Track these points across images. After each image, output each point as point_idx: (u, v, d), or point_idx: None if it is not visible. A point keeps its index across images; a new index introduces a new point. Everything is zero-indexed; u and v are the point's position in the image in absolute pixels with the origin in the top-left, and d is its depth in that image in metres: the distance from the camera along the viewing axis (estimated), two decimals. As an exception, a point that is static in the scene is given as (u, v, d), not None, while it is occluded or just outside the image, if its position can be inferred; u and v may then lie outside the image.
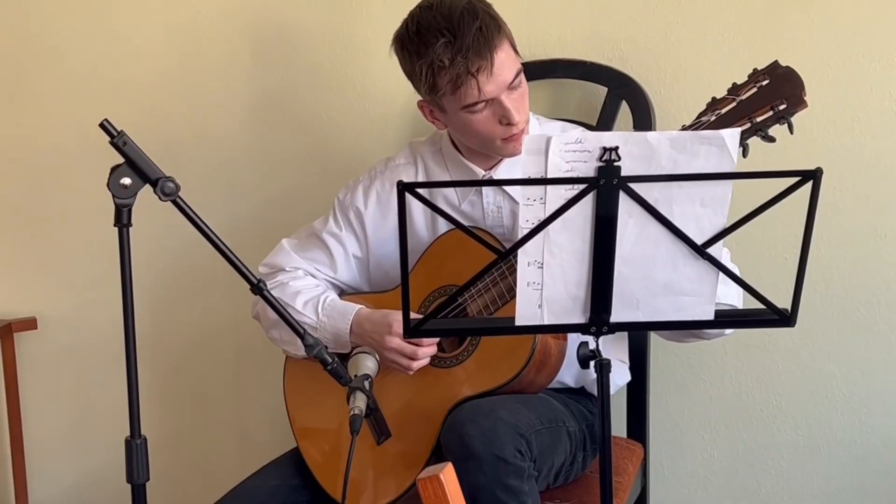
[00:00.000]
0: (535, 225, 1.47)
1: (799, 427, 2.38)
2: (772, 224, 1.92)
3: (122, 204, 1.62)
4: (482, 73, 1.89)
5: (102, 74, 2.63)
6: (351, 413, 1.69)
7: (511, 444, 1.81)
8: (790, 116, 1.68)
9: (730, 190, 1.47)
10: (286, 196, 2.57)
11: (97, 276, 2.70)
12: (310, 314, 2.05)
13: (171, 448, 2.73)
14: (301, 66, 2.52)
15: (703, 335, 1.97)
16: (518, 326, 1.54)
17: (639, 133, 1.45)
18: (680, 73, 2.29)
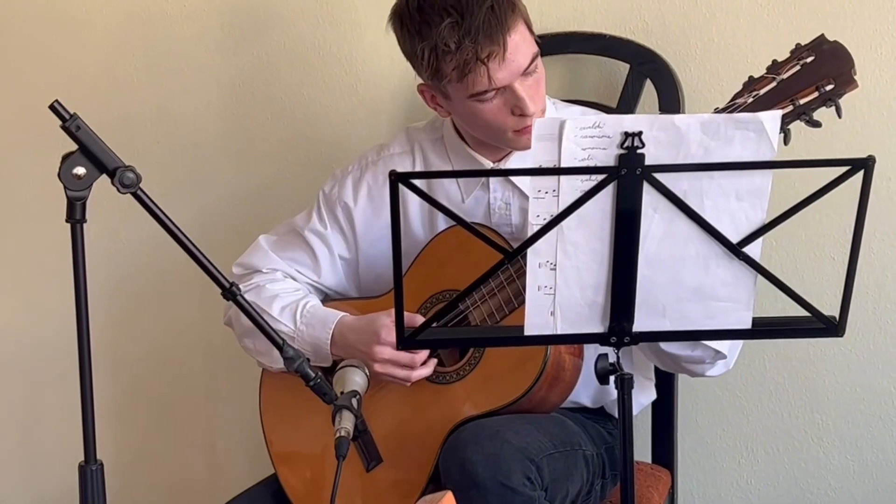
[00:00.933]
0: (548, 221, 1.48)
1: (848, 451, 2.38)
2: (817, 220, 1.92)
3: (76, 197, 1.62)
4: (493, 59, 1.88)
5: (55, 51, 2.63)
6: (337, 435, 1.69)
7: (519, 470, 1.82)
8: (838, 98, 1.68)
9: (769, 181, 1.47)
10: (263, 188, 2.57)
11: (47, 278, 2.71)
12: (287, 321, 2.05)
13: (132, 475, 2.73)
14: (279, 40, 2.52)
15: (687, 371, 1.98)
16: (527, 336, 1.55)
17: (665, 116, 1.45)
18: (712, 48, 2.29)
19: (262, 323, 1.70)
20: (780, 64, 1.72)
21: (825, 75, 1.68)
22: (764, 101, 1.70)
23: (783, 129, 1.66)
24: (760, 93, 1.71)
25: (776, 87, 1.70)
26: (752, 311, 1.53)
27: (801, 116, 1.69)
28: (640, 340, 1.56)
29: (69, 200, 1.62)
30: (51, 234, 2.58)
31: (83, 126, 1.61)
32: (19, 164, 2.69)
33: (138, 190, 1.63)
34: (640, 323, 1.54)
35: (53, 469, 2.81)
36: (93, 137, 1.62)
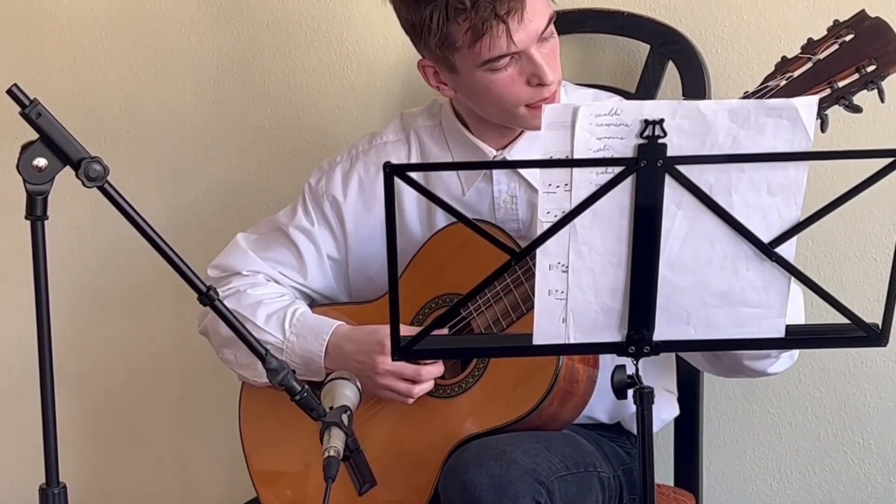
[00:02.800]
0: (559, 218, 1.48)
1: (892, 474, 2.39)
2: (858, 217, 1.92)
3: (36, 191, 1.62)
4: (513, 16, 1.89)
5: (13, 30, 2.64)
6: (325, 455, 1.69)
7: (528, 494, 1.82)
8: (881, 80, 1.69)
9: (805, 174, 1.47)
10: (244, 181, 2.58)
11: (3, 282, 2.71)
12: (274, 331, 2.05)
13: (98, 498, 2.74)
14: (262, 18, 2.53)
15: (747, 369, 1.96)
16: (536, 346, 1.55)
17: (690, 102, 1.46)
18: (741, 26, 2.30)
19: (242, 331, 1.70)
20: (816, 43, 1.72)
21: (866, 55, 1.68)
22: (799, 85, 1.70)
23: (820, 116, 1.67)
24: (794, 75, 1.71)
25: (812, 68, 1.70)
26: (785, 318, 1.54)
27: (840, 101, 1.70)
28: (662, 350, 1.56)
29: (29, 195, 1.62)
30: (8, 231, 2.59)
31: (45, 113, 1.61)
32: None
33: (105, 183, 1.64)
34: (661, 331, 1.54)
35: (12, 492, 2.82)
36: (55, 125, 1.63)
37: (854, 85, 1.69)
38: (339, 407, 1.75)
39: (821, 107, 1.67)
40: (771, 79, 1.73)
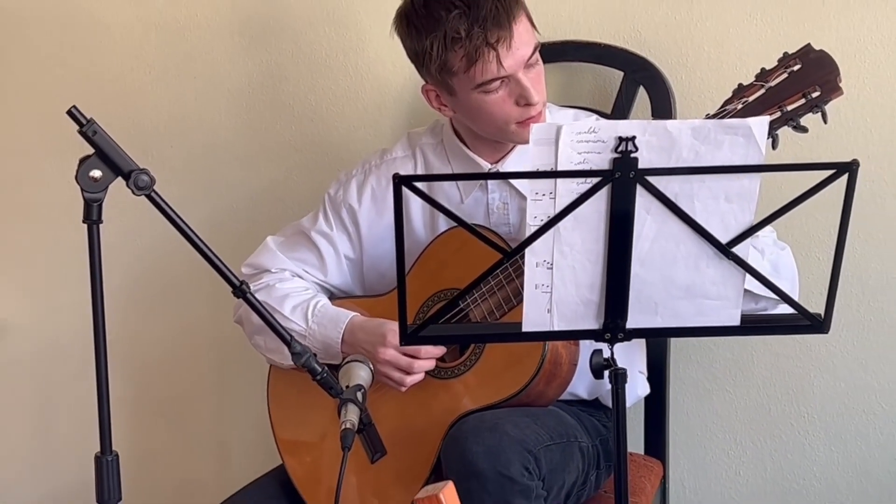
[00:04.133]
0: (545, 222, 1.48)
1: (833, 444, 2.39)
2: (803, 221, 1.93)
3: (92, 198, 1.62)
4: (502, 44, 1.89)
5: (71, 57, 2.64)
6: (342, 427, 1.69)
7: (518, 461, 1.82)
8: (824, 104, 1.68)
9: (758, 184, 1.47)
10: (272, 190, 2.57)
11: (64, 278, 2.71)
12: (298, 320, 2.05)
13: (146, 466, 2.74)
14: (288, 48, 2.52)
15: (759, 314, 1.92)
16: (525, 333, 1.55)
17: (658, 122, 1.46)
18: (703, 56, 2.29)
19: (271, 320, 1.70)
20: (768, 72, 1.72)
21: (811, 83, 1.68)
22: (753, 108, 1.70)
23: (771, 135, 1.66)
24: (749, 99, 1.71)
25: (764, 94, 1.70)
26: (740, 309, 1.54)
27: (789, 122, 1.69)
28: (633, 337, 1.56)
29: (86, 202, 1.62)
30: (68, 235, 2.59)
31: (99, 130, 1.61)
32: (38, 168, 2.70)
33: (152, 192, 1.64)
34: (633, 320, 1.54)
35: (69, 463, 2.82)
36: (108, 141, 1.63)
37: (801, 108, 1.68)
38: (355, 386, 1.75)
39: (772, 127, 1.67)
40: (729, 103, 1.73)
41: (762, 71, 1.72)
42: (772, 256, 1.87)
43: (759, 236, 1.68)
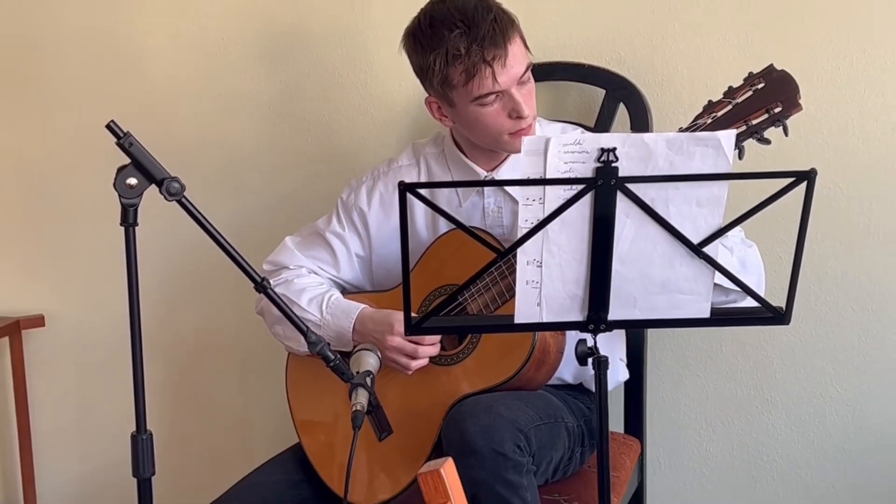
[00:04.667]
0: (535, 225, 1.48)
1: (793, 423, 2.39)
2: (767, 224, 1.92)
3: (129, 204, 1.62)
4: (497, 62, 1.88)
5: (109, 76, 2.63)
6: (353, 409, 1.69)
7: (510, 439, 1.82)
8: (785, 119, 1.68)
9: (725, 190, 1.47)
10: (290, 195, 2.57)
11: (104, 275, 2.71)
12: (314, 311, 2.05)
13: (176, 443, 2.73)
14: (304, 68, 2.52)
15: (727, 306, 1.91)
16: (517, 324, 1.54)
17: (636, 134, 1.46)
18: (676, 76, 2.29)
19: (289, 312, 1.70)
20: (735, 90, 1.72)
21: (774, 99, 1.68)
22: (721, 122, 1.70)
23: (738, 146, 1.66)
24: (718, 114, 1.71)
25: (732, 109, 1.70)
26: (710, 302, 1.54)
27: (754, 135, 1.69)
28: (614, 327, 1.56)
29: (123, 207, 1.62)
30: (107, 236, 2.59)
31: (135, 142, 1.61)
32: (79, 176, 2.69)
33: (182, 198, 1.64)
34: (614, 312, 1.54)
35: (108, 441, 2.81)
36: (143, 152, 1.63)
37: (764, 122, 1.68)
38: (364, 371, 1.75)
39: (738, 139, 1.67)
40: (700, 117, 1.73)
41: (729, 89, 1.72)
42: (740, 254, 1.87)
43: (728, 236, 1.68)
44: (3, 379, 2.84)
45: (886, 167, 2.23)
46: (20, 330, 2.74)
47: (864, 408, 2.34)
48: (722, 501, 2.45)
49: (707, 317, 1.54)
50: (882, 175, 2.23)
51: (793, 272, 1.52)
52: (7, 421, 2.86)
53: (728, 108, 1.70)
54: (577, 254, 1.50)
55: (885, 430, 2.33)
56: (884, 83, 2.20)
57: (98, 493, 2.85)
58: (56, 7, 2.63)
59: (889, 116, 2.21)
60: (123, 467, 1.71)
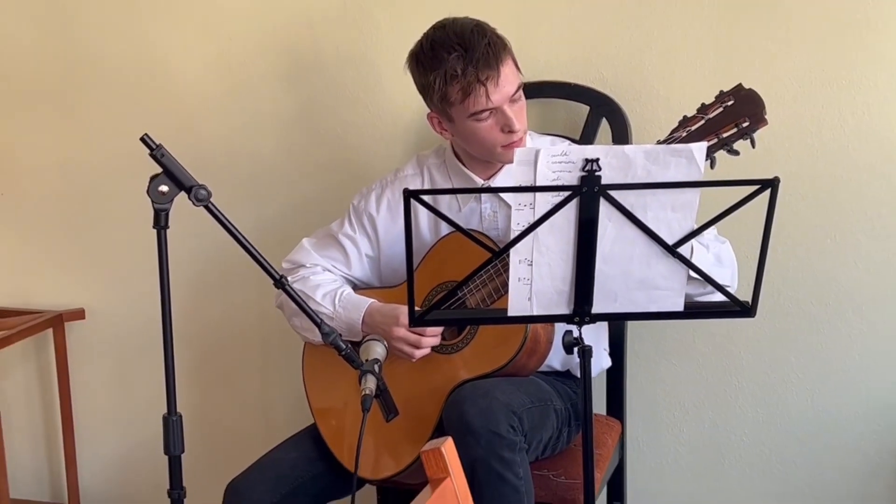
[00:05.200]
0: (526, 227, 1.48)
1: (758, 406, 2.38)
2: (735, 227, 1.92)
3: (160, 209, 1.62)
4: (490, 81, 1.88)
5: (143, 94, 2.63)
6: (362, 393, 1.69)
7: (505, 420, 1.82)
8: (752, 133, 1.68)
9: (697, 197, 1.47)
10: (306, 201, 2.57)
11: (138, 272, 2.71)
12: (328, 305, 2.05)
13: (204, 424, 2.73)
14: (319, 87, 2.52)
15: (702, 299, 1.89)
16: (511, 317, 1.55)
17: (617, 147, 1.46)
18: (654, 94, 2.29)
19: (305, 306, 1.70)
20: (707, 106, 1.71)
21: (742, 115, 1.68)
22: (694, 135, 1.70)
23: (709, 157, 1.66)
24: (692, 128, 1.70)
25: (704, 124, 1.70)
26: (683, 297, 1.54)
27: (724, 147, 1.69)
28: (598, 320, 1.56)
29: (155, 211, 1.63)
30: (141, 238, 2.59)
31: (167, 154, 1.62)
32: (116, 184, 2.69)
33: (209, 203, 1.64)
34: (597, 306, 1.54)
35: (142, 422, 2.82)
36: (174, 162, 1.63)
37: (733, 136, 1.68)
38: (372, 359, 1.75)
39: (710, 151, 1.67)
40: (675, 131, 1.72)
41: (702, 105, 1.72)
42: (715, 250, 1.87)
43: (703, 235, 1.68)
44: (47, 366, 2.85)
45: (842, 176, 2.23)
46: (63, 322, 2.74)
47: (822, 393, 2.34)
48: (695, 476, 2.45)
49: (681, 310, 1.54)
50: (838, 183, 2.23)
51: (758, 270, 1.52)
52: (51, 404, 2.86)
53: (701, 123, 1.70)
54: (564, 254, 1.50)
55: (840, 413, 2.33)
56: (839, 101, 2.20)
57: (133, 470, 2.86)
58: (97, 34, 2.63)
59: (843, 130, 2.21)
60: (156, 445, 1.71)
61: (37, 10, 2.65)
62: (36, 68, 2.68)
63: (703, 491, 2.45)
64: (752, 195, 1.46)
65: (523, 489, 1.84)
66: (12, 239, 2.80)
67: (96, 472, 2.88)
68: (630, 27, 2.28)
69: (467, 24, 1.92)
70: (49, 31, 2.66)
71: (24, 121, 2.73)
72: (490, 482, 1.80)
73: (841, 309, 2.29)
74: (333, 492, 2.06)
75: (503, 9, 2.30)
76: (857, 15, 2.15)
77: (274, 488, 1.99)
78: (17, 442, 2.89)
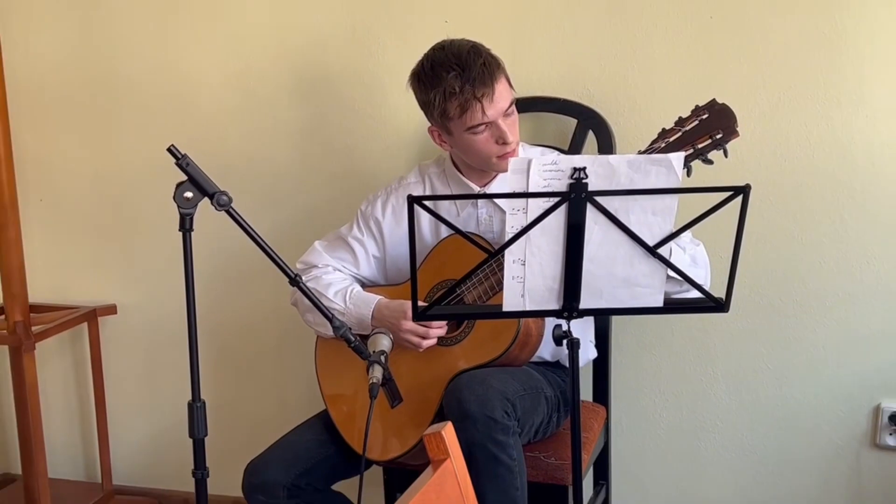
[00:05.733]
0: (519, 230, 1.48)
1: (731, 394, 2.38)
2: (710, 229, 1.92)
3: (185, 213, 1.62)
4: (486, 98, 1.88)
5: (170, 107, 2.63)
6: (370, 382, 1.69)
7: (500, 406, 1.81)
8: (725, 143, 1.68)
9: (676, 202, 1.47)
10: (318, 207, 2.57)
11: (165, 271, 2.71)
12: (339, 302, 2.05)
13: (225, 410, 2.73)
14: (330, 102, 2.52)
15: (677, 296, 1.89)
16: (505, 312, 1.55)
17: (602, 156, 1.46)
18: (636, 108, 2.29)
19: (318, 303, 1.70)
20: (684, 119, 1.72)
21: (716, 128, 1.68)
22: (672, 146, 1.70)
23: (686, 166, 1.66)
24: (670, 140, 1.71)
25: (681, 136, 1.70)
26: (663, 294, 1.53)
27: (699, 156, 1.69)
28: (584, 315, 1.56)
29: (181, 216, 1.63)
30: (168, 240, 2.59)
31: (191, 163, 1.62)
32: (146, 190, 2.69)
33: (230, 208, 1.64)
34: (584, 302, 1.54)
35: (168, 408, 2.82)
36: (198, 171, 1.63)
37: (708, 147, 1.68)
38: (379, 351, 1.75)
39: (687, 160, 1.67)
40: (655, 142, 1.72)
41: (679, 119, 1.72)
42: (691, 251, 1.87)
43: (680, 237, 1.68)
44: (82, 357, 2.84)
45: (807, 183, 2.23)
46: (97, 317, 2.74)
47: (789, 382, 2.33)
48: (673, 457, 2.45)
49: (661, 306, 1.55)
50: (804, 190, 2.23)
51: (731, 269, 1.52)
52: (86, 391, 2.86)
53: (678, 135, 1.70)
54: (554, 254, 1.50)
55: (806, 400, 2.33)
56: (805, 114, 2.20)
57: (160, 452, 2.85)
58: (127, 55, 2.63)
59: (809, 141, 2.21)
60: (181, 430, 1.71)
61: (72, 34, 2.65)
62: (72, 86, 2.68)
63: (681, 471, 2.45)
64: (726, 201, 1.46)
65: (516, 469, 1.84)
66: (51, 241, 2.80)
67: (127, 454, 2.87)
68: (614, 47, 2.28)
69: (464, 45, 1.92)
70: (83, 52, 2.66)
71: (62, 133, 2.73)
72: (486, 463, 1.80)
73: (807, 305, 2.29)
74: (343, 471, 2.06)
75: (498, 31, 2.30)
76: (820, 38, 2.15)
77: (289, 468, 1.99)
78: (55, 426, 2.89)
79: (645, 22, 2.24)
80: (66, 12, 2.63)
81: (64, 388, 2.89)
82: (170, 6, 2.57)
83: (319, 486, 2.03)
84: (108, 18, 2.61)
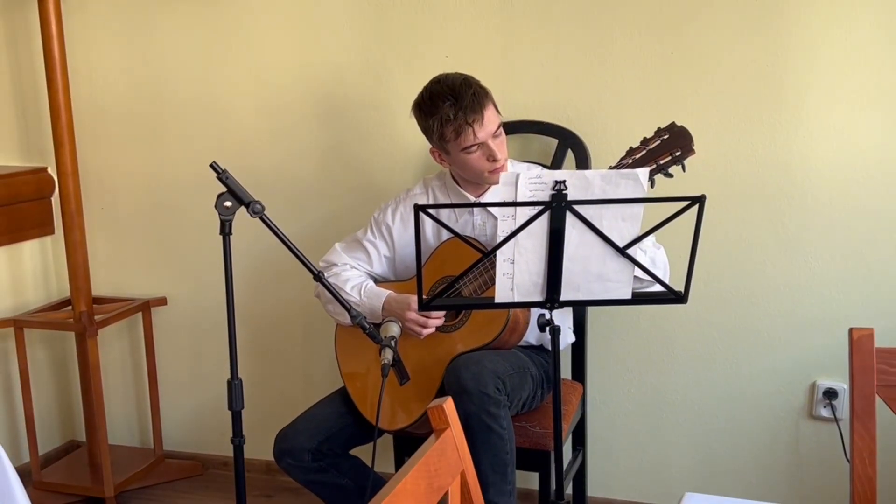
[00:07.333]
0: (509, 234, 1.48)
1: (689, 372, 2.38)
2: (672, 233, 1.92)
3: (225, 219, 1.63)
4: (476, 123, 1.89)
5: (211, 129, 2.63)
6: (382, 363, 1.70)
7: (492, 383, 1.82)
8: (684, 160, 1.68)
9: (642, 210, 1.47)
10: (338, 214, 2.57)
11: (208, 269, 2.70)
12: (355, 295, 2.05)
13: (259, 386, 2.73)
14: (347, 125, 2.52)
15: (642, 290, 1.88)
16: (497, 303, 1.55)
17: (579, 171, 1.46)
18: (608, 130, 2.29)
19: (338, 295, 1.70)
20: (648, 139, 1.72)
21: (676, 146, 1.68)
22: (638, 162, 1.70)
23: (651, 179, 1.66)
24: (637, 157, 1.71)
25: (645, 153, 1.70)
26: (631, 288, 1.53)
27: (661, 171, 1.69)
28: (564, 305, 1.56)
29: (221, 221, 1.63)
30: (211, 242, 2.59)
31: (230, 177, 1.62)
32: (192, 198, 2.69)
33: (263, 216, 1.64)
34: (564, 295, 1.54)
35: (211, 384, 2.81)
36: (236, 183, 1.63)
37: (669, 163, 1.68)
38: (390, 336, 1.76)
39: (651, 174, 1.67)
40: (623, 159, 1.72)
41: (644, 139, 1.72)
42: (652, 254, 1.87)
43: (644, 242, 1.68)
44: (138, 343, 2.84)
45: (753, 194, 2.23)
46: (150, 308, 2.74)
47: (739, 362, 2.33)
48: (641, 427, 2.45)
49: (629, 298, 1.55)
50: (751, 200, 2.23)
51: (689, 266, 1.52)
52: (141, 371, 2.86)
53: (643, 153, 1.70)
54: (539, 254, 1.51)
55: (753, 376, 2.33)
56: (753, 135, 2.20)
57: (203, 422, 2.85)
58: (176, 81, 2.63)
59: (755, 158, 2.21)
60: (221, 403, 1.71)
61: (129, 64, 2.65)
62: (129, 108, 2.68)
63: (647, 437, 2.45)
64: (685, 209, 1.46)
65: (507, 437, 1.84)
66: (111, 243, 2.80)
67: (176, 424, 2.88)
68: (589, 78, 2.28)
69: (457, 78, 1.92)
70: (138, 80, 2.66)
71: (120, 151, 2.72)
72: (481, 431, 1.81)
73: (753, 297, 2.29)
74: (359, 439, 2.06)
75: (491, 65, 2.30)
76: (765, 70, 2.15)
77: (313, 436, 1.99)
78: (114, 400, 2.89)
79: (616, 57, 2.24)
80: (124, 45, 2.63)
81: (122, 367, 2.89)
82: (212, 42, 2.56)
83: (339, 451, 2.03)
84: (160, 51, 2.61)
